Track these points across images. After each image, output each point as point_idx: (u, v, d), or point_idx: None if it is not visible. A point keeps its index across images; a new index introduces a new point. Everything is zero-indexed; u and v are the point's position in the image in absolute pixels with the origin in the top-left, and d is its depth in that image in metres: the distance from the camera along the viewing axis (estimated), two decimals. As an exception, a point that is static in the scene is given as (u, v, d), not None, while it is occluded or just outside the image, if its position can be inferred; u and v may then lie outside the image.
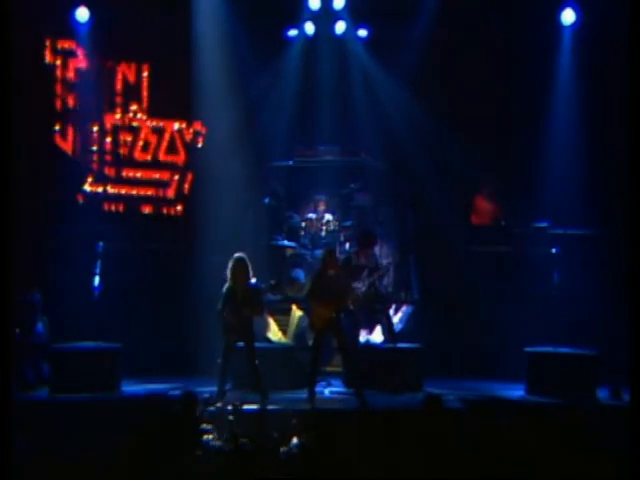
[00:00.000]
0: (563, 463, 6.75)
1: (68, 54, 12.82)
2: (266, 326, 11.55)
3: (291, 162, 13.19)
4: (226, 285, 9.90)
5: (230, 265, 9.90)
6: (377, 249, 11.96)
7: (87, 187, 12.88)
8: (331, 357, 11.47)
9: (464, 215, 12.89)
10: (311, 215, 12.97)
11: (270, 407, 9.35)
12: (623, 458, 6.86)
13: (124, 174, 13.08)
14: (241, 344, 9.95)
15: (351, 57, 13.26)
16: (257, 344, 10.22)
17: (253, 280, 9.94)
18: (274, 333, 11.65)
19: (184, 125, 13.21)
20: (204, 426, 7.36)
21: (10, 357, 7.48)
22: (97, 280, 11.58)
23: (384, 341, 11.44)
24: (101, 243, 11.89)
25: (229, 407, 8.35)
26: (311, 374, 10.01)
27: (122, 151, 13.08)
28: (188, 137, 13.24)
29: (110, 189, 13.00)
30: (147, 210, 13.15)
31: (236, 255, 9.95)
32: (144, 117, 13.11)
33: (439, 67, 12.62)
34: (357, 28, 13.23)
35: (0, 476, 6.58)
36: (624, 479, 6.72)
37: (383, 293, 11.58)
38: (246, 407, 8.69)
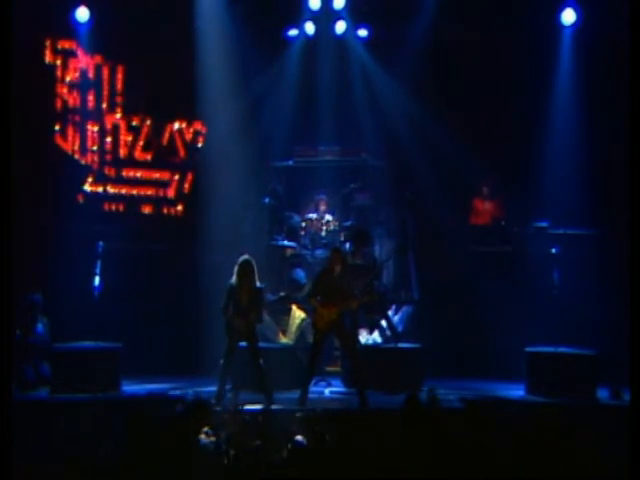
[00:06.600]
0: (563, 463, 6.74)
1: (68, 54, 12.84)
2: (276, 333, 11.51)
3: (291, 162, 13.17)
4: (229, 283, 9.82)
5: (236, 268, 9.81)
6: (377, 248, 11.97)
7: (87, 187, 12.89)
8: (331, 357, 11.47)
9: (464, 215, 12.89)
10: (311, 215, 12.94)
11: (273, 407, 9.35)
12: (623, 458, 6.86)
13: (124, 174, 13.09)
14: (244, 344, 9.93)
15: (351, 57, 13.27)
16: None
17: (258, 284, 9.88)
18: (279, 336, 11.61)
19: (184, 125, 13.22)
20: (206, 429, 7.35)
21: (10, 357, 7.50)
22: (97, 280, 11.58)
23: (384, 341, 11.44)
24: (101, 243, 11.88)
25: (230, 408, 8.34)
26: (307, 374, 9.92)
27: (122, 151, 13.09)
28: (188, 137, 13.24)
29: (110, 189, 13.01)
30: (147, 210, 13.15)
31: (242, 258, 9.86)
32: (144, 117, 13.11)
33: (439, 67, 12.64)
34: (357, 28, 13.24)
35: (0, 476, 6.57)
36: (624, 479, 6.72)
37: (381, 292, 11.57)
38: (247, 407, 8.69)
